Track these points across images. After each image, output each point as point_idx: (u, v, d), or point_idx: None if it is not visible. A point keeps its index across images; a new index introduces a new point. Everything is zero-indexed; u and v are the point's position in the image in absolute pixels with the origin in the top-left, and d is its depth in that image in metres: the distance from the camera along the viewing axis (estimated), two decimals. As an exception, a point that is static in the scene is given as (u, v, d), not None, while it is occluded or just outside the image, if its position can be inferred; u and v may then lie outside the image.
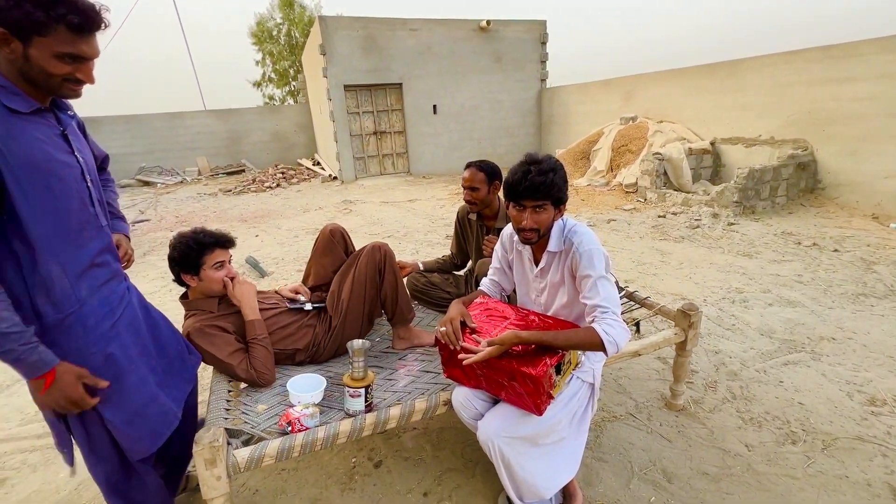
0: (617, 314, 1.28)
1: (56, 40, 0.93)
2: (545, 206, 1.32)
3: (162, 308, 1.49)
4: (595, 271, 1.31)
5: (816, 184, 5.47)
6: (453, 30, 9.50)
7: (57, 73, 0.96)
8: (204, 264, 1.62)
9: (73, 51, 0.96)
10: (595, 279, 1.31)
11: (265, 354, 1.61)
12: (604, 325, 1.25)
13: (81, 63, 0.99)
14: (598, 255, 1.33)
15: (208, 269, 1.62)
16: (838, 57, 5.11)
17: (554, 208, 1.35)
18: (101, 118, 11.50)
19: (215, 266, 1.63)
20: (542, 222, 1.34)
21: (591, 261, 1.32)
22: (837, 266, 3.54)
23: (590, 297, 1.31)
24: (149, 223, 6.74)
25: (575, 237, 1.37)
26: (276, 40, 18.27)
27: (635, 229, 4.92)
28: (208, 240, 1.64)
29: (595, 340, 1.23)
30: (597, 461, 1.71)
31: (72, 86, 1.01)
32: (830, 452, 1.70)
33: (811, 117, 5.43)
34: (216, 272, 1.63)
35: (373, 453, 1.81)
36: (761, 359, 2.35)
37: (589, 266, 1.32)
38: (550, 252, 1.42)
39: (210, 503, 1.19)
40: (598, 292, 1.30)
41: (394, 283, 1.83)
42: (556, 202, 1.34)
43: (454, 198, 7.18)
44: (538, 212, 1.33)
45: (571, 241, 1.37)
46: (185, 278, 1.64)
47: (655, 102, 7.61)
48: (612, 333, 1.23)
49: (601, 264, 1.33)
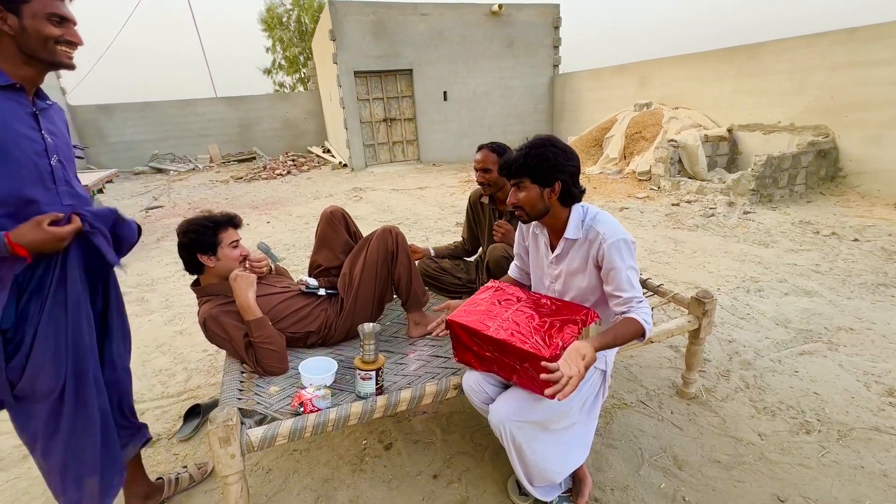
0: (646, 301, 1.33)
1: (39, 3, 1.06)
2: (523, 183, 1.34)
3: (175, 293, 1.50)
4: (624, 263, 1.31)
5: (837, 172, 5.32)
6: (465, 14, 9.34)
7: (51, 34, 1.07)
8: (221, 242, 1.63)
9: (56, 10, 1.08)
10: (625, 272, 1.31)
11: (270, 354, 1.58)
12: (643, 315, 1.28)
13: (67, 26, 1.11)
14: (625, 246, 1.32)
15: (226, 248, 1.63)
16: (863, 39, 4.92)
17: (538, 186, 1.33)
18: (114, 105, 11.62)
19: (232, 244, 1.65)
20: (524, 201, 1.35)
21: (620, 252, 1.31)
22: (857, 256, 3.46)
23: (624, 289, 1.31)
24: (162, 209, 6.83)
25: (599, 226, 1.34)
26: (286, 27, 18.17)
27: (648, 217, 4.84)
28: (222, 218, 1.66)
29: (640, 330, 1.28)
30: (606, 447, 1.71)
31: (65, 48, 1.12)
32: (846, 442, 1.68)
33: (833, 103, 5.26)
34: (234, 251, 1.65)
35: (383, 436, 1.83)
36: (776, 348, 2.32)
37: (618, 258, 1.30)
38: (568, 239, 1.39)
39: (224, 480, 1.21)
40: (632, 285, 1.31)
41: (407, 265, 1.83)
42: (539, 180, 1.32)
43: (464, 185, 7.14)
44: (519, 189, 1.35)
45: (597, 232, 1.34)
46: (202, 259, 1.63)
47: (671, 88, 7.43)
48: (650, 322, 1.30)
49: (629, 255, 1.32)
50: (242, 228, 1.77)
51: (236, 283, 1.58)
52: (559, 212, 1.39)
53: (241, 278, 1.59)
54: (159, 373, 2.40)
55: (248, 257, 1.71)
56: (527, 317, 1.32)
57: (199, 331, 2.77)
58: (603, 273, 1.35)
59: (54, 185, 1.14)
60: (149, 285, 3.68)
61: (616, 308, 1.34)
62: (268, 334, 1.58)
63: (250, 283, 1.60)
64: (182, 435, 1.87)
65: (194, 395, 2.18)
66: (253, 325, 1.57)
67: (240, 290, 1.57)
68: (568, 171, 1.34)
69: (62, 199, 1.16)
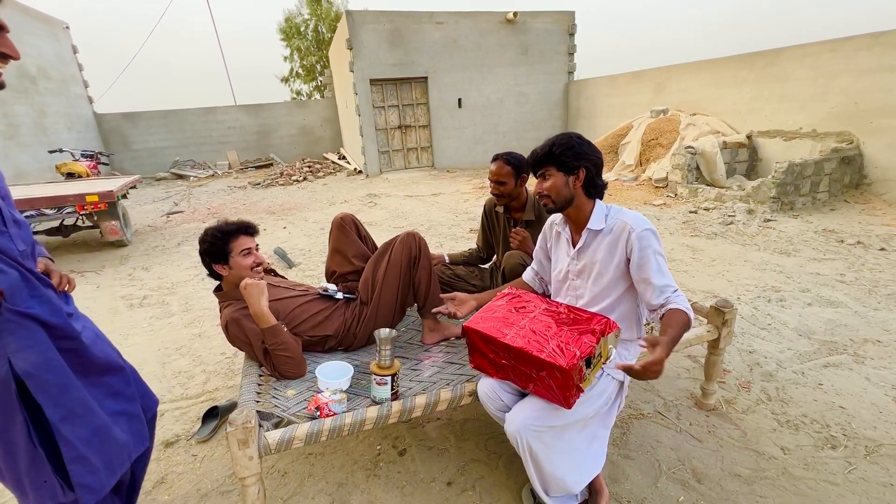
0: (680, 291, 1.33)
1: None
2: (549, 171, 1.40)
3: (195, 297, 1.53)
4: (655, 252, 1.32)
5: (862, 179, 5.18)
6: (480, 22, 9.41)
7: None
8: (231, 251, 1.66)
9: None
10: (657, 259, 1.32)
11: (286, 360, 1.58)
12: (683, 304, 1.28)
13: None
14: (654, 236, 1.33)
15: (237, 257, 1.66)
16: (890, 44, 4.81)
17: (564, 174, 1.38)
18: (138, 113, 11.97)
19: (242, 253, 1.67)
20: (550, 188, 1.40)
21: (650, 241, 1.32)
22: (884, 265, 3.35)
23: (659, 278, 1.31)
24: (182, 214, 6.99)
25: (625, 217, 1.37)
26: (304, 36, 18.52)
27: (665, 225, 4.78)
28: (232, 227, 1.69)
29: (688, 320, 1.26)
30: (623, 458, 1.68)
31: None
32: (874, 459, 1.62)
33: (858, 108, 5.13)
34: (244, 259, 1.67)
35: (397, 441, 1.84)
36: (799, 360, 2.25)
37: (649, 246, 1.31)
38: (591, 230, 1.41)
39: (242, 482, 1.23)
40: (664, 273, 1.32)
41: (428, 269, 1.85)
42: (563, 167, 1.37)
43: (478, 192, 7.15)
44: (546, 178, 1.41)
45: (624, 222, 1.35)
46: (216, 268, 1.68)
47: (688, 94, 7.35)
48: (691, 310, 1.29)
49: (658, 244, 1.33)
50: (260, 234, 1.81)
51: (247, 292, 1.58)
52: (583, 203, 1.41)
53: (252, 286, 1.58)
54: (179, 374, 2.45)
55: (262, 264, 1.73)
56: (544, 325, 1.31)
57: (217, 334, 2.83)
58: (634, 264, 1.34)
59: (6, 228, 1.02)
60: (169, 288, 3.77)
61: (653, 300, 1.31)
62: (282, 341, 1.58)
63: (261, 290, 1.59)
64: (200, 436, 1.90)
65: (212, 397, 2.22)
66: (267, 332, 1.58)
67: (251, 299, 1.57)
68: (592, 160, 1.38)
69: (16, 244, 1.03)
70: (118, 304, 3.50)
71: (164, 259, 4.63)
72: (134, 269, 4.36)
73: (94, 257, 4.83)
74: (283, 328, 1.62)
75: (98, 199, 4.49)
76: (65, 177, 6.65)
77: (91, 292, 3.79)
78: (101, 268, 4.47)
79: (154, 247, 5.16)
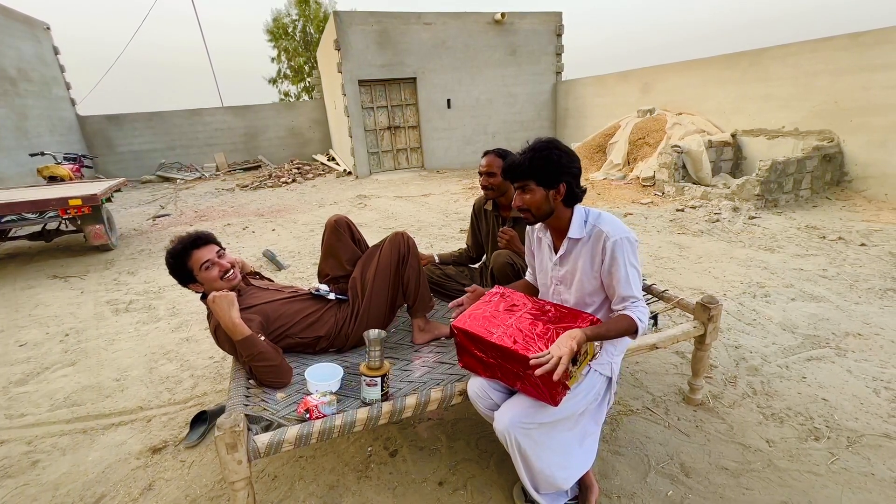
0: (644, 302, 1.36)
1: None
2: (528, 185, 1.36)
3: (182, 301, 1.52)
4: (626, 261, 1.33)
5: (843, 176, 5.30)
6: (468, 23, 9.44)
7: None
8: (192, 269, 1.64)
9: None
10: (625, 270, 1.33)
11: (265, 370, 1.53)
12: (637, 313, 1.32)
13: None
14: (629, 244, 1.34)
15: (200, 273, 1.64)
16: (868, 44, 4.92)
17: (543, 188, 1.35)
18: (123, 115, 11.78)
19: (203, 267, 1.64)
20: (530, 203, 1.37)
21: (623, 250, 1.33)
22: (864, 261, 3.43)
23: (622, 288, 1.34)
24: (169, 217, 6.89)
25: (603, 225, 1.36)
26: (292, 37, 18.41)
27: (653, 223, 4.84)
28: (178, 248, 1.65)
29: (633, 326, 1.31)
30: (613, 454, 1.70)
31: None
32: (856, 449, 1.66)
33: (838, 107, 5.25)
34: (208, 272, 1.64)
35: (388, 442, 1.83)
36: (783, 354, 2.30)
37: (620, 256, 1.32)
38: (571, 239, 1.41)
39: (231, 486, 1.22)
40: (630, 284, 1.34)
41: (416, 268, 1.85)
42: (543, 182, 1.34)
43: (468, 192, 7.16)
44: (525, 192, 1.37)
45: (601, 230, 1.36)
46: (191, 288, 1.68)
47: (674, 94, 7.45)
48: (644, 321, 1.32)
49: (631, 254, 1.34)
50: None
51: (214, 306, 1.52)
52: (562, 212, 1.41)
53: (219, 300, 1.51)
54: (166, 379, 2.42)
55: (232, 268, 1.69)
56: (530, 324, 1.32)
57: (205, 338, 2.80)
58: (605, 270, 1.36)
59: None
60: (156, 293, 3.72)
61: (614, 306, 1.38)
62: (258, 351, 1.52)
63: (230, 301, 1.52)
64: (189, 442, 1.88)
65: (201, 402, 2.19)
66: (240, 344, 1.51)
67: (220, 312, 1.51)
68: (572, 173, 1.37)
69: None
70: (103, 310, 3.44)
71: (150, 263, 4.57)
72: (119, 274, 4.29)
73: (78, 262, 4.75)
74: (260, 338, 1.55)
75: (81, 202, 4.41)
76: (47, 180, 6.52)
77: (75, 297, 3.73)
78: (86, 273, 4.39)
79: (140, 251, 5.08)
